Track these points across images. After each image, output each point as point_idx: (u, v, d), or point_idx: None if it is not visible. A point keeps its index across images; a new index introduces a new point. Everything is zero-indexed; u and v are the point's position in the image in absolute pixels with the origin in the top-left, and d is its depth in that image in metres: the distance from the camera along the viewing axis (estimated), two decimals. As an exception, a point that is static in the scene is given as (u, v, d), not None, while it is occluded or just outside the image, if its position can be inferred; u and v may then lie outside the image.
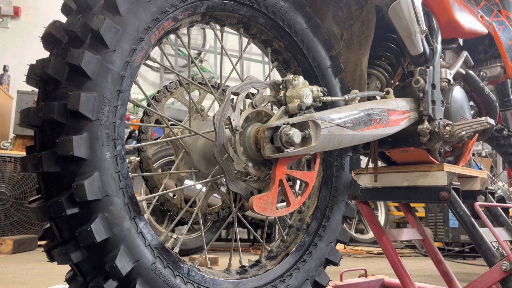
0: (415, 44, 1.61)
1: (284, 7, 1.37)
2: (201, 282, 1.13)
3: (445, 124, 1.64)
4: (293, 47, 1.43)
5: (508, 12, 2.22)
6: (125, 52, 0.99)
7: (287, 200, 1.20)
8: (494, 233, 1.61)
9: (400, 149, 1.75)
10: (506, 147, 2.71)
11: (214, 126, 1.09)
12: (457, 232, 4.82)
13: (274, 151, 1.15)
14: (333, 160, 1.49)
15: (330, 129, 1.21)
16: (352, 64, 1.66)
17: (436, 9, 1.77)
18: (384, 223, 6.16)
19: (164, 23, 1.10)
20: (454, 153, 1.93)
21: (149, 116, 1.39)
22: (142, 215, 1.02)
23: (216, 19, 1.31)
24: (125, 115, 1.02)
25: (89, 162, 0.92)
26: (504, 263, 1.50)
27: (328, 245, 1.43)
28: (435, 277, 2.88)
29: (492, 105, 2.11)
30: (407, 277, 1.86)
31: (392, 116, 1.48)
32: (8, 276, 2.62)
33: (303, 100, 1.20)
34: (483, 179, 1.95)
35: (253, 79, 1.19)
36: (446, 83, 1.76)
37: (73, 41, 0.96)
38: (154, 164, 1.51)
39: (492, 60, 2.16)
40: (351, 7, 1.67)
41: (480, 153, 4.72)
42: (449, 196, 1.62)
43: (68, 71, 0.94)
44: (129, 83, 1.02)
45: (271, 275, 1.31)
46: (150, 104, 1.33)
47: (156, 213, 4.35)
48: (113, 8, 0.99)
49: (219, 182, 1.39)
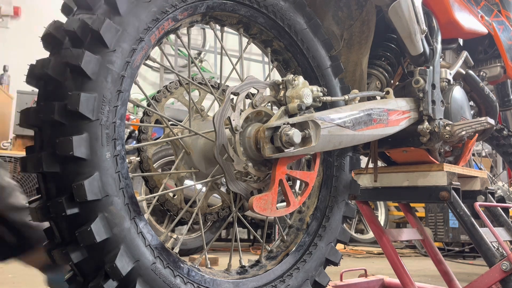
0: (415, 44, 1.61)
1: (284, 7, 1.37)
2: (201, 282, 1.13)
3: (445, 124, 1.64)
4: (293, 47, 1.43)
5: (508, 12, 2.22)
6: (125, 52, 0.99)
7: (287, 200, 1.20)
8: (494, 233, 1.61)
9: (400, 149, 1.75)
10: (506, 147, 2.71)
11: (214, 126, 1.09)
12: (457, 232, 4.82)
13: (274, 151, 1.15)
14: (333, 160, 1.49)
15: (330, 129, 1.21)
16: (352, 64, 1.66)
17: (436, 9, 1.77)
18: (384, 223, 6.16)
19: (164, 23, 1.10)
20: (454, 153, 1.93)
21: (149, 116, 1.39)
22: (142, 215, 1.02)
23: (216, 19, 1.31)
24: (125, 115, 1.02)
25: (89, 162, 0.92)
26: (504, 263, 1.50)
27: (328, 245, 1.43)
28: (435, 277, 2.88)
29: (492, 105, 2.11)
30: (407, 277, 1.87)
31: (392, 116, 1.48)
32: (8, 276, 2.62)
33: (303, 100, 1.20)
34: (483, 179, 1.95)
35: (253, 79, 1.19)
36: (446, 83, 1.76)
37: (73, 41, 0.96)
38: (154, 164, 1.51)
39: (492, 60, 2.16)
40: (351, 7, 1.67)
41: (480, 153, 4.72)
42: (449, 196, 1.62)
43: (68, 71, 0.94)
44: (129, 83, 1.02)
45: (271, 275, 1.31)
46: (150, 104, 1.33)
47: (156, 213, 4.35)
48: (113, 8, 0.98)
49: (219, 182, 1.39)
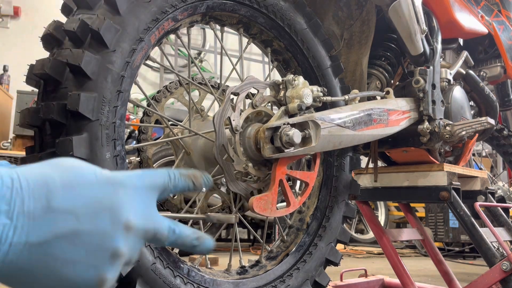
0: (415, 44, 1.61)
1: (284, 7, 1.37)
2: (201, 283, 1.13)
3: (445, 124, 1.64)
4: (293, 47, 1.43)
5: (508, 12, 2.22)
6: (125, 52, 0.99)
7: (287, 200, 1.20)
8: (494, 233, 1.61)
9: (400, 149, 1.75)
10: (506, 147, 2.71)
11: (214, 126, 1.09)
12: (457, 232, 4.82)
13: (274, 151, 1.15)
14: (333, 160, 1.49)
15: (330, 129, 1.21)
16: (352, 64, 1.66)
17: (436, 9, 1.77)
18: (384, 223, 6.16)
19: (164, 23, 1.10)
20: (454, 153, 1.93)
21: (149, 116, 1.39)
22: (142, 215, 1.02)
23: (216, 19, 1.31)
24: (125, 115, 1.01)
25: (88, 163, 0.92)
26: (504, 263, 1.50)
27: (328, 245, 1.43)
28: (435, 277, 2.88)
29: (492, 105, 2.11)
30: (407, 277, 1.86)
31: (392, 116, 1.48)
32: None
33: (303, 100, 1.20)
34: (483, 179, 1.95)
35: (253, 79, 1.19)
36: (446, 83, 1.75)
37: (73, 41, 0.96)
38: (154, 164, 1.51)
39: (492, 60, 2.16)
40: (351, 7, 1.67)
41: (480, 153, 4.72)
42: (449, 196, 1.62)
43: (68, 71, 0.94)
44: (129, 83, 1.02)
45: (271, 275, 1.31)
46: (150, 104, 1.33)
47: (156, 213, 4.34)
48: (113, 8, 0.98)
49: (219, 182, 1.39)
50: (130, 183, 0.47)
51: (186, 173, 0.54)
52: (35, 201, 0.40)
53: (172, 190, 0.52)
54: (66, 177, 0.43)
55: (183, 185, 0.53)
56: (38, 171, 0.43)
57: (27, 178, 0.41)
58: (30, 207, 0.40)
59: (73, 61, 0.92)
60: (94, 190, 0.44)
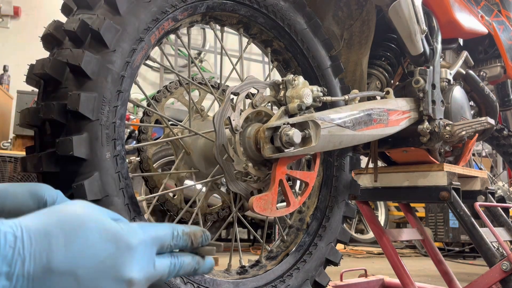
0: (415, 44, 1.61)
1: (284, 7, 1.37)
2: (201, 282, 1.13)
3: (445, 124, 1.64)
4: (293, 47, 1.43)
5: (508, 12, 2.22)
6: (125, 52, 0.99)
7: (287, 200, 1.20)
8: (494, 233, 1.61)
9: (400, 149, 1.75)
10: (506, 147, 2.71)
11: (214, 126, 1.09)
12: (457, 232, 4.82)
13: (274, 151, 1.15)
14: (333, 160, 1.49)
15: (330, 129, 1.21)
16: (352, 64, 1.66)
17: (436, 9, 1.77)
18: (384, 223, 6.16)
19: (164, 23, 1.10)
20: (454, 153, 1.93)
21: (149, 116, 1.39)
22: (142, 215, 1.02)
23: (216, 19, 1.31)
24: (125, 115, 1.01)
25: (89, 162, 0.92)
26: (504, 263, 1.50)
27: (328, 245, 1.43)
28: (435, 277, 2.88)
29: (492, 105, 2.11)
30: (407, 277, 1.86)
31: (392, 116, 1.48)
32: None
33: (303, 100, 1.20)
34: (483, 179, 1.95)
35: (253, 79, 1.19)
36: (446, 83, 1.75)
37: (73, 41, 0.96)
38: (154, 164, 1.51)
39: (492, 60, 2.16)
40: (351, 7, 1.67)
41: (480, 153, 4.72)
42: (449, 196, 1.62)
43: (68, 71, 0.94)
44: (129, 83, 1.02)
45: (271, 275, 1.31)
46: (150, 104, 1.33)
47: (156, 213, 4.35)
48: (113, 8, 0.98)
49: (219, 182, 1.39)
50: (135, 238, 0.48)
51: (188, 231, 0.56)
52: (36, 262, 0.41)
53: (171, 248, 0.54)
54: (69, 232, 0.44)
55: (182, 245, 0.55)
56: (42, 225, 0.43)
57: (31, 235, 0.42)
58: (30, 269, 0.41)
59: (73, 61, 0.92)
60: (96, 249, 0.45)
